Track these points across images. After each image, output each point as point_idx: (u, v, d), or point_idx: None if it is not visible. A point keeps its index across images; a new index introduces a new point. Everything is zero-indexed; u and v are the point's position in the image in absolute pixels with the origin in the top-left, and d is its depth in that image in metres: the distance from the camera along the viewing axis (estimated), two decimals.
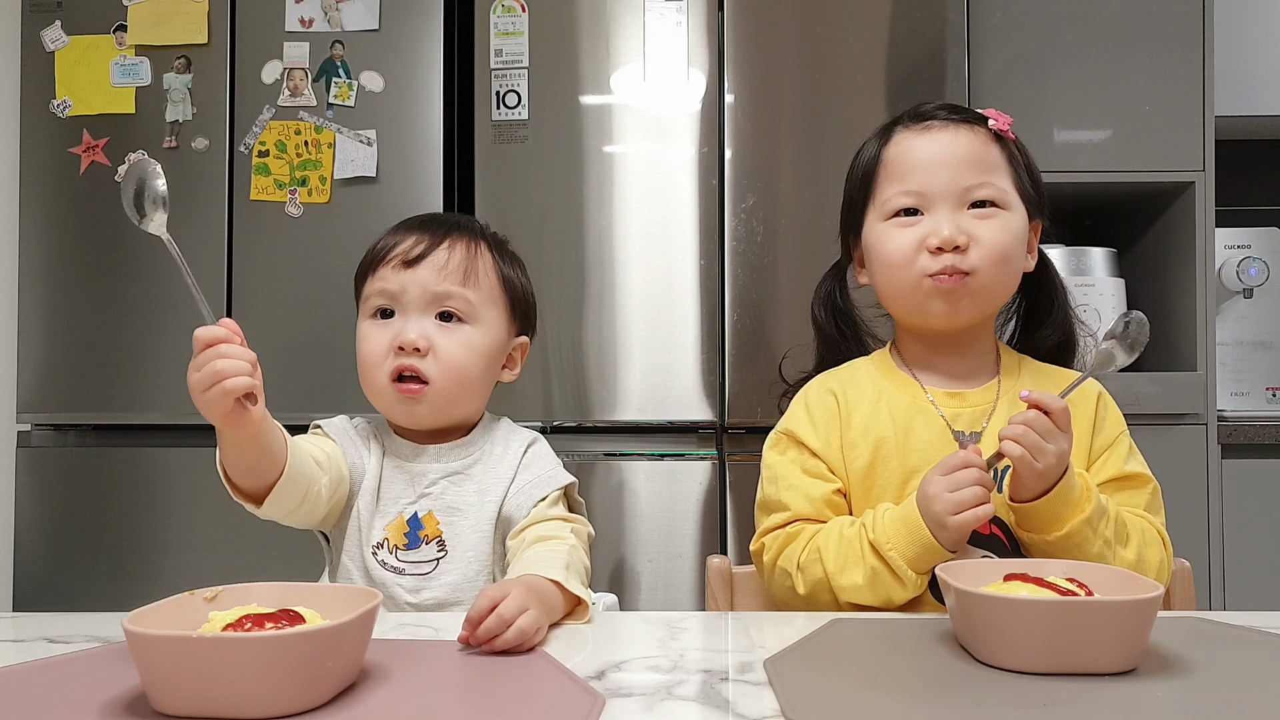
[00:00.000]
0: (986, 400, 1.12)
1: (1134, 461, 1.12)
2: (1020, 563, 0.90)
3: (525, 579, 0.90)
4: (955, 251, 1.07)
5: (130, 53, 2.16)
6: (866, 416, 1.13)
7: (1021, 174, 1.13)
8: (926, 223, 1.09)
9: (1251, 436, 2.17)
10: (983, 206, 1.09)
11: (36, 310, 2.16)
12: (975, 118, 1.14)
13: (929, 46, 2.10)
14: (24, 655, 0.83)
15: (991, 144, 1.12)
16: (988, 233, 1.08)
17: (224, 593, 0.79)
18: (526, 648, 0.82)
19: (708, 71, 2.10)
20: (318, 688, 0.68)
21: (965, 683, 0.76)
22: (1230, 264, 2.44)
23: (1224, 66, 2.26)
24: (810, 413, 1.16)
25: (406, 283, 1.11)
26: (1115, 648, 0.76)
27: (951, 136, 1.11)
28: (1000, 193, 1.10)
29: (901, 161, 1.12)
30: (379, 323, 1.13)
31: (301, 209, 2.12)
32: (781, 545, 1.10)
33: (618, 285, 2.09)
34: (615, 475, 2.07)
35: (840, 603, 1.04)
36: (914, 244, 1.09)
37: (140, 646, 0.67)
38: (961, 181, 1.09)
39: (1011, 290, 1.15)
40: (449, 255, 1.13)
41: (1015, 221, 1.10)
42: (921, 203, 1.10)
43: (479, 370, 1.14)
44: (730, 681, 0.76)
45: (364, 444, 1.16)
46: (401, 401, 1.11)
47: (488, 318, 1.15)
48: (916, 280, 1.09)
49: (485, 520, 1.12)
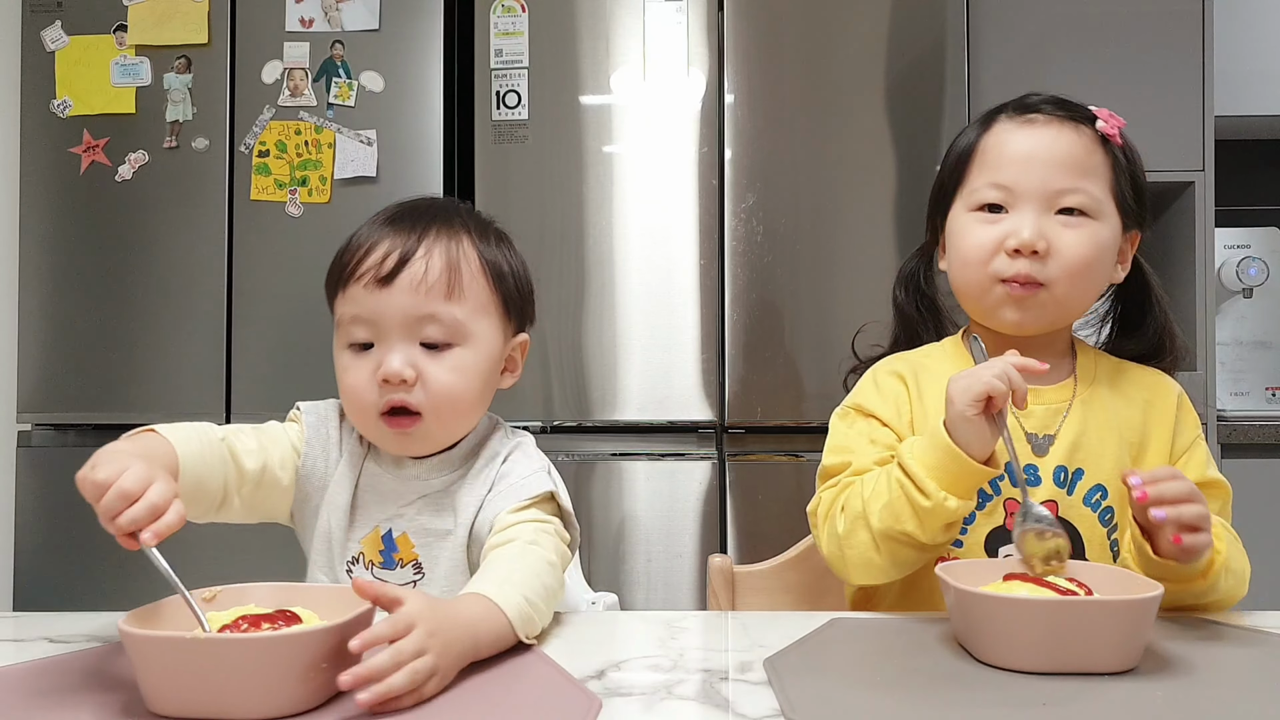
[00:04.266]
0: (1060, 400, 1.07)
1: (1211, 467, 1.07)
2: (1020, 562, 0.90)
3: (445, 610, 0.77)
4: (1034, 256, 1.02)
5: (130, 53, 2.16)
6: (938, 400, 1.04)
7: (1123, 182, 1.06)
8: (1009, 222, 1.04)
9: (1251, 436, 2.17)
10: (1071, 214, 1.03)
11: (36, 310, 2.16)
12: (1084, 116, 1.08)
13: (929, 46, 2.10)
14: (24, 655, 0.83)
15: (1096, 147, 1.06)
16: (1071, 243, 1.02)
17: (222, 593, 0.79)
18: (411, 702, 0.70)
19: (708, 71, 2.10)
20: (314, 689, 0.68)
21: (965, 682, 0.76)
22: (1230, 264, 2.44)
23: (1224, 66, 2.26)
24: (880, 389, 1.11)
25: (382, 307, 0.98)
26: (1115, 647, 0.76)
27: (1054, 134, 1.06)
28: (1093, 201, 1.03)
29: (996, 152, 1.07)
30: (358, 354, 1.00)
31: (302, 209, 2.12)
32: (837, 494, 1.03)
33: (618, 285, 2.09)
34: (615, 475, 2.07)
35: (874, 537, 0.97)
36: (993, 243, 1.04)
37: (136, 647, 0.67)
38: (1053, 184, 1.03)
39: (1090, 303, 1.09)
40: (426, 265, 0.99)
41: (1104, 233, 1.04)
42: (1008, 199, 1.05)
43: (475, 393, 1.03)
44: (730, 681, 0.76)
45: (341, 442, 1.06)
46: (393, 436, 1.01)
47: (479, 331, 1.02)
48: (990, 282, 1.05)
49: (457, 545, 1.03)
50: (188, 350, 2.13)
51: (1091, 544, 1.04)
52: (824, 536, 1.03)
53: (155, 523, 0.75)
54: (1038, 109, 1.09)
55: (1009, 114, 1.10)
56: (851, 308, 2.03)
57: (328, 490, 1.04)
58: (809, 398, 2.02)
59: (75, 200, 2.16)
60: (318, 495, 1.05)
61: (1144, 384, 1.08)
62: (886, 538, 0.96)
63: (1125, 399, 1.08)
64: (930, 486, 0.93)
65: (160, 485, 0.77)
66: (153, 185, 2.15)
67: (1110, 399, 1.08)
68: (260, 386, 2.11)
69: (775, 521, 2.03)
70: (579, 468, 2.06)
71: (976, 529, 1.04)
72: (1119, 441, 1.06)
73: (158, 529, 0.75)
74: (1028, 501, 0.94)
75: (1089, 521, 1.04)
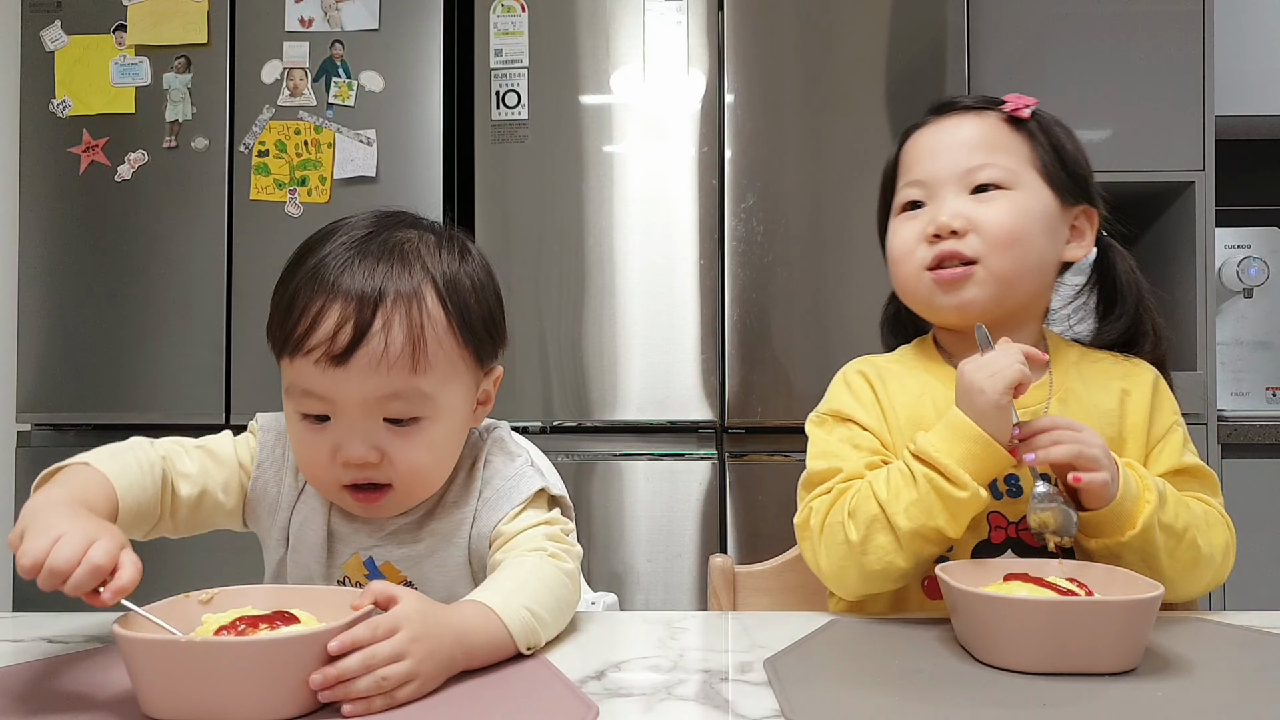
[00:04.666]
0: (1038, 400, 1.04)
1: (1189, 453, 1.04)
2: (1020, 563, 0.90)
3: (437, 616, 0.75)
4: (953, 237, 1.01)
5: (130, 52, 2.16)
6: (911, 408, 1.05)
7: (1045, 155, 1.05)
8: (927, 211, 1.04)
9: (1251, 436, 2.17)
10: (987, 190, 1.03)
11: (36, 310, 2.16)
12: (991, 104, 1.08)
13: (929, 46, 2.10)
14: (23, 655, 0.83)
15: (1005, 126, 1.06)
16: (991, 216, 1.01)
17: (219, 595, 0.78)
18: (382, 706, 0.68)
19: (708, 71, 2.10)
20: (309, 692, 0.67)
21: (965, 683, 0.76)
22: (1230, 264, 2.44)
23: (1224, 66, 2.26)
24: (853, 391, 1.10)
25: (337, 388, 0.87)
26: (1115, 648, 0.76)
27: (957, 123, 1.07)
28: (1006, 173, 1.03)
29: (911, 156, 1.09)
30: (313, 426, 0.90)
31: (301, 209, 2.12)
32: (831, 502, 1.00)
33: (618, 285, 2.09)
34: (615, 475, 2.07)
35: (898, 538, 0.94)
36: (916, 235, 1.04)
37: (130, 650, 0.66)
38: (962, 164, 1.03)
39: (1038, 279, 1.05)
40: (386, 340, 0.86)
41: (1027, 201, 1.02)
42: (925, 193, 1.05)
43: (447, 460, 0.95)
44: (730, 681, 0.76)
45: (299, 470, 0.97)
46: (361, 507, 0.94)
47: (449, 400, 0.92)
48: (918, 274, 1.04)
49: (454, 564, 0.98)
50: (187, 350, 2.13)
51: None
52: (823, 548, 0.98)
53: (113, 582, 0.70)
54: (948, 108, 1.10)
55: (921, 123, 1.11)
56: (851, 308, 2.03)
57: (298, 528, 0.98)
58: (809, 397, 2.00)
59: (75, 200, 2.16)
60: (269, 517, 0.99)
61: (1119, 374, 1.06)
62: (916, 536, 0.93)
63: (1103, 390, 1.06)
64: (964, 478, 0.91)
65: (101, 544, 0.71)
66: (152, 185, 2.15)
67: (1087, 393, 1.05)
68: (260, 386, 2.11)
69: (775, 521, 2.03)
70: (579, 468, 2.06)
71: (962, 544, 1.01)
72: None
73: (116, 588, 0.70)
74: (1036, 482, 0.94)
75: None
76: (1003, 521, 1.02)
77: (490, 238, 2.08)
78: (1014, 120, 1.06)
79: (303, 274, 0.90)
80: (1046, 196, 1.05)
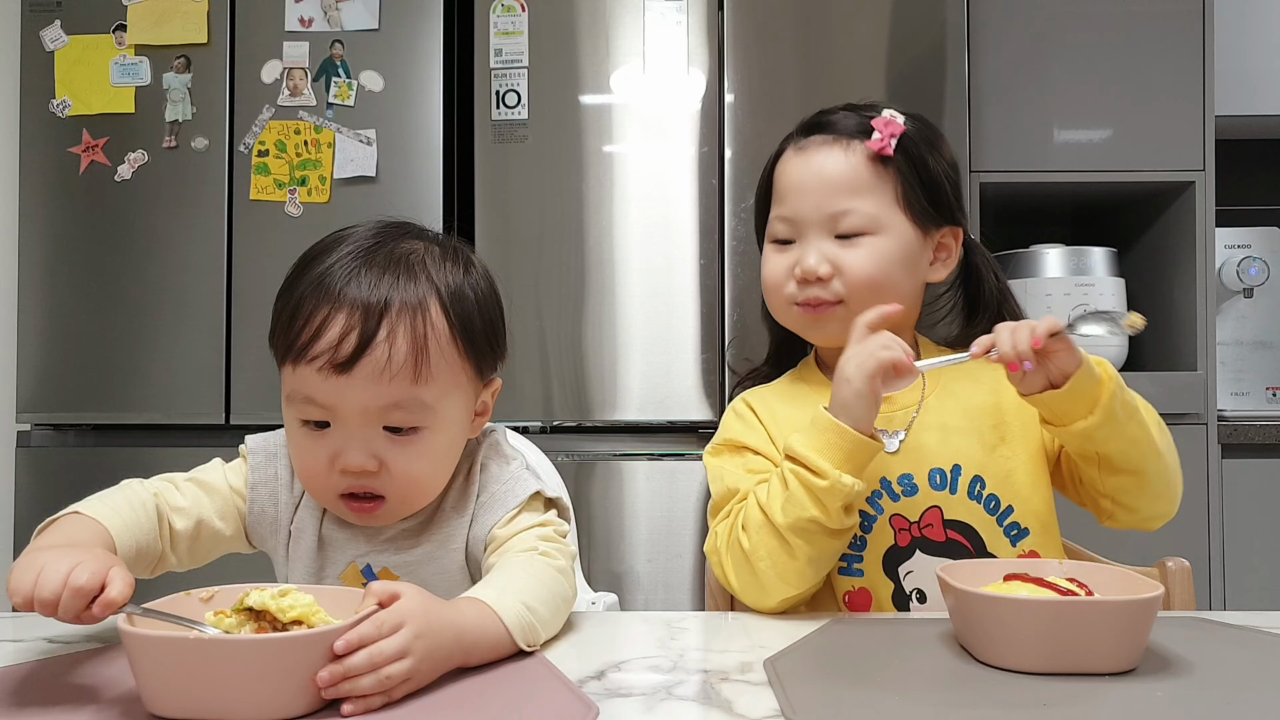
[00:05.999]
0: (910, 401, 1.08)
1: None
2: (1020, 563, 0.90)
3: (438, 613, 0.75)
4: (819, 282, 1.06)
5: (130, 52, 2.16)
6: (796, 423, 1.08)
7: (911, 189, 1.08)
8: (795, 251, 1.09)
9: (1251, 436, 2.17)
10: (850, 236, 1.06)
11: (36, 310, 2.16)
12: (858, 131, 1.09)
13: (929, 46, 2.10)
14: (24, 655, 0.83)
15: (869, 163, 1.07)
16: (853, 262, 1.06)
17: (220, 593, 0.79)
18: (380, 703, 0.69)
19: (708, 71, 2.10)
20: (313, 690, 0.68)
21: (965, 683, 0.76)
22: (1230, 264, 2.44)
23: (1224, 66, 2.26)
24: (742, 419, 1.15)
25: (339, 396, 0.88)
26: (1115, 647, 0.76)
27: (823, 159, 1.09)
28: (868, 219, 1.06)
29: (781, 184, 1.12)
30: (312, 433, 0.91)
31: (301, 209, 2.12)
32: (731, 524, 1.04)
33: (618, 285, 2.09)
34: (615, 475, 2.07)
35: (782, 536, 0.97)
36: (784, 271, 1.09)
37: (135, 647, 0.67)
38: (826, 208, 1.07)
39: (910, 307, 1.11)
40: (390, 350, 0.87)
41: (887, 245, 1.06)
42: (793, 231, 1.09)
43: (444, 470, 0.96)
44: (730, 681, 0.76)
45: (294, 482, 0.99)
46: (356, 516, 0.95)
47: (449, 410, 0.93)
48: (787, 306, 1.10)
49: (453, 569, 0.98)
50: (187, 350, 2.13)
51: (988, 537, 1.05)
52: (729, 565, 1.01)
53: (101, 596, 0.71)
54: (815, 130, 1.12)
55: (792, 140, 1.14)
56: None
57: (294, 540, 0.99)
58: None
59: (74, 200, 2.16)
60: (272, 537, 1.00)
61: (988, 365, 1.05)
62: (794, 531, 0.96)
63: (975, 384, 1.10)
64: (824, 466, 0.94)
65: (84, 566, 0.72)
66: (152, 185, 2.15)
67: (960, 388, 1.10)
68: (259, 386, 2.11)
69: None
70: (579, 468, 2.06)
71: (871, 552, 1.05)
72: (978, 429, 1.08)
73: (104, 602, 0.71)
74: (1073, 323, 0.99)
75: (978, 515, 1.05)
76: (904, 523, 1.05)
77: (490, 238, 2.08)
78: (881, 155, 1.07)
79: (307, 282, 0.90)
80: (908, 233, 1.08)
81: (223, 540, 0.98)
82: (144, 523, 0.90)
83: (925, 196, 1.09)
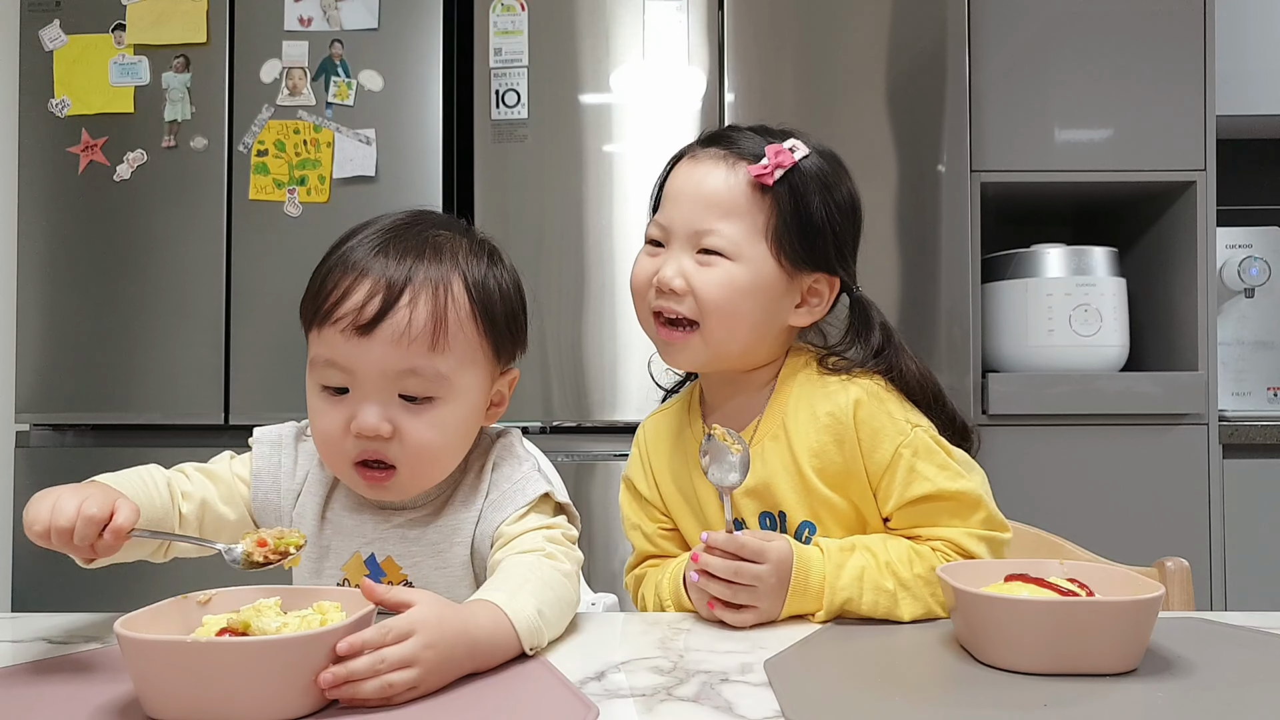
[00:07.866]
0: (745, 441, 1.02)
1: (918, 481, 0.99)
2: (1021, 563, 0.90)
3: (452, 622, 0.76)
4: (671, 295, 1.02)
5: (129, 52, 2.15)
6: (667, 462, 1.12)
7: (784, 224, 1.02)
8: (660, 258, 1.05)
9: (1252, 436, 2.17)
10: (709, 254, 1.02)
11: (36, 310, 2.16)
12: (750, 154, 1.03)
13: (929, 46, 2.10)
14: (22, 656, 0.83)
15: (749, 188, 1.02)
16: (703, 282, 1.01)
17: (218, 596, 0.78)
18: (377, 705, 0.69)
19: (708, 70, 2.10)
20: (312, 693, 0.68)
21: (966, 683, 0.76)
22: (1231, 263, 2.44)
23: (1224, 66, 2.26)
24: (640, 455, 1.15)
25: (360, 358, 0.91)
26: (1116, 648, 0.76)
27: (705, 173, 1.04)
28: (729, 244, 1.01)
29: (668, 188, 1.08)
30: (331, 399, 0.94)
31: (300, 208, 2.12)
32: (636, 587, 1.13)
33: (618, 285, 2.08)
34: (615, 475, 2.07)
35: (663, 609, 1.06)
36: (648, 278, 1.05)
37: (131, 650, 0.66)
38: (693, 224, 1.02)
39: (758, 344, 1.05)
40: (410, 315, 0.91)
41: (741, 274, 1.01)
42: (665, 236, 1.05)
43: (455, 447, 0.98)
44: (730, 682, 0.76)
45: (298, 468, 1.02)
46: (367, 485, 0.96)
47: (464, 384, 0.95)
48: (648, 317, 1.07)
49: (457, 563, 0.99)
50: (186, 350, 2.13)
51: None
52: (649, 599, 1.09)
53: (110, 525, 0.79)
54: (714, 143, 1.07)
55: (691, 149, 1.10)
56: None
57: (291, 524, 1.01)
58: None
59: (73, 200, 2.15)
60: (276, 524, 1.01)
61: (830, 398, 1.03)
62: None
63: (814, 423, 1.03)
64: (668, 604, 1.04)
65: (94, 498, 0.79)
66: (151, 185, 2.14)
67: (799, 430, 1.03)
68: (259, 386, 2.10)
69: None
70: (579, 468, 2.06)
71: None
72: (804, 476, 1.02)
73: (113, 528, 0.78)
74: None
75: None
76: None
77: None
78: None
79: (336, 257, 0.96)
80: (768, 268, 1.02)
81: (227, 525, 1.00)
82: (155, 498, 0.93)
83: (798, 236, 1.02)
